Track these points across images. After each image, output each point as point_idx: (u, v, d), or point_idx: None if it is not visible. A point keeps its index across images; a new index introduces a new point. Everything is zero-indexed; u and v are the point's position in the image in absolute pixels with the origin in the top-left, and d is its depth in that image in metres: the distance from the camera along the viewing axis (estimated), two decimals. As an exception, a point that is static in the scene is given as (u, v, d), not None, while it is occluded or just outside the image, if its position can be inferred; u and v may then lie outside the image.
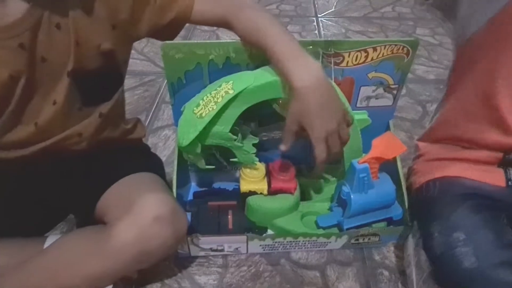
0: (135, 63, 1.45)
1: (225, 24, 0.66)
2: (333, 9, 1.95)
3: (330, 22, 1.82)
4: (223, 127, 0.68)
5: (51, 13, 0.54)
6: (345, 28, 1.76)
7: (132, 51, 0.67)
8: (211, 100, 0.65)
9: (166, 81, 0.74)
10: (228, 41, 0.68)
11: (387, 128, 0.83)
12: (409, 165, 0.84)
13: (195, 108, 0.66)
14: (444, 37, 1.71)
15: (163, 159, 0.80)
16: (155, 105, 1.24)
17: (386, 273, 0.79)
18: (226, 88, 0.65)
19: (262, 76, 0.65)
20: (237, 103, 0.66)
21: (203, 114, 0.65)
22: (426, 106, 1.28)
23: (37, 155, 0.63)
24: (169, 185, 0.72)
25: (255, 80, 0.64)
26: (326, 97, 0.60)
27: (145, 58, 1.48)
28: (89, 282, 0.62)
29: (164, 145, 1.03)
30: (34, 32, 0.54)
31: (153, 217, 0.60)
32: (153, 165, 0.76)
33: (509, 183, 0.67)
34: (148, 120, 1.17)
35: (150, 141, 1.09)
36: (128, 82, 0.67)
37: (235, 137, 0.70)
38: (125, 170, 0.69)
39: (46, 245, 0.68)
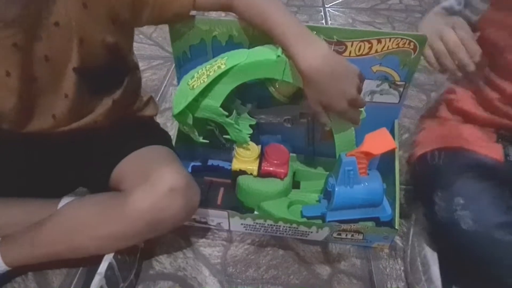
0: (143, 47, 1.48)
1: (228, 7, 0.66)
2: (340, 0, 1.94)
3: (337, 13, 1.81)
4: (214, 101, 0.69)
5: (49, 12, 0.55)
6: (352, 19, 1.76)
7: (141, 36, 0.70)
8: (204, 73, 0.67)
9: (174, 64, 0.76)
10: (231, 19, 0.69)
11: (392, 127, 0.80)
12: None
13: (189, 80, 0.69)
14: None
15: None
16: (163, 87, 1.27)
17: (386, 250, 0.79)
18: (219, 63, 0.66)
19: (255, 55, 0.66)
20: (228, 79, 0.67)
21: (195, 86, 0.67)
22: (430, 95, 1.27)
23: (53, 136, 0.66)
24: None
25: (247, 58, 0.65)
26: (337, 72, 0.60)
27: (153, 43, 1.50)
28: (100, 244, 0.64)
29: (172, 124, 1.06)
30: (30, 32, 0.55)
31: (169, 188, 0.61)
32: (165, 140, 0.79)
33: (507, 158, 0.70)
34: (157, 101, 1.19)
35: (159, 121, 1.10)
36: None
37: (225, 113, 0.71)
38: (140, 142, 0.71)
39: (60, 205, 0.71)
